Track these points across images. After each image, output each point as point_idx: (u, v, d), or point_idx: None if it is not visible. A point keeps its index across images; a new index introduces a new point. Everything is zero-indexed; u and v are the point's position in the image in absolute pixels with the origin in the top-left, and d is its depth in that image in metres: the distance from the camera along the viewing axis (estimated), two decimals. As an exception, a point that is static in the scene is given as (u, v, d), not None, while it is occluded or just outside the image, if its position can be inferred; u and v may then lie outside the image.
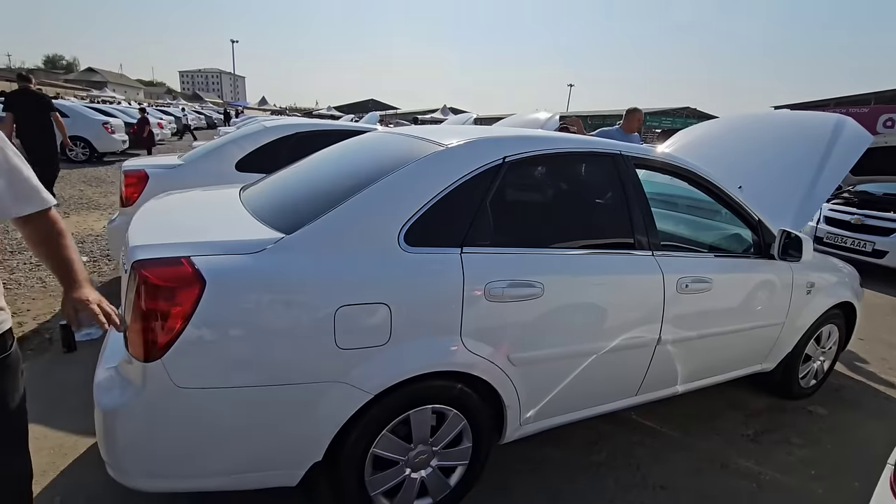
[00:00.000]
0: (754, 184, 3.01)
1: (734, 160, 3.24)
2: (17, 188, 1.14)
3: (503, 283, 1.67)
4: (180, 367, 1.31)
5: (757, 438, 2.56)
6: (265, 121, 4.16)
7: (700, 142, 3.65)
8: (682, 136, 3.94)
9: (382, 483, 1.66)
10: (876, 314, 4.66)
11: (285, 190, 1.96)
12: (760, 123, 3.62)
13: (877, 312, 4.74)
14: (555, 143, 1.96)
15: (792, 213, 2.80)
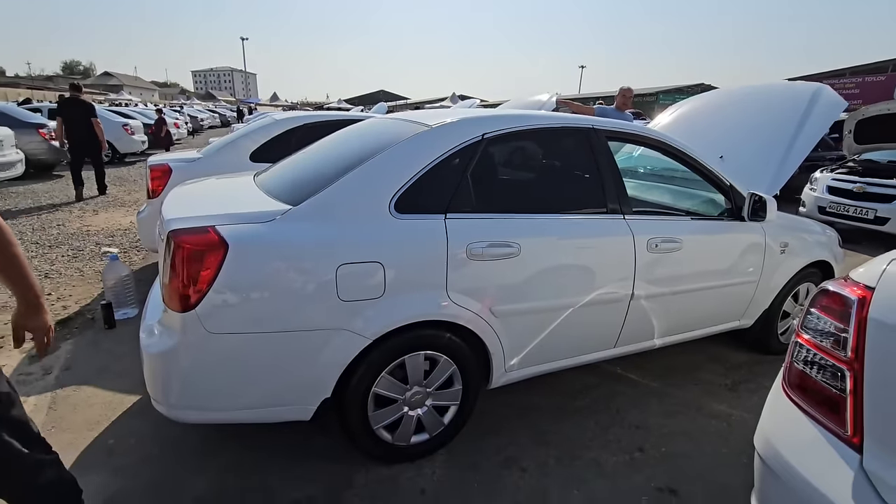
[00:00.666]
0: (737, 153, 3.18)
1: (720, 132, 3.41)
2: None
3: (483, 243, 1.92)
4: (210, 316, 1.59)
5: (734, 388, 2.78)
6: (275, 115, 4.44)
7: (689, 115, 3.81)
8: (675, 109, 4.10)
9: (383, 418, 1.94)
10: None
11: (293, 171, 2.22)
12: (745, 96, 3.76)
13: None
14: (531, 120, 2.18)
15: (768, 179, 2.97)
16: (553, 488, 1.94)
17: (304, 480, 1.93)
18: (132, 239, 5.51)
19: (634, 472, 2.05)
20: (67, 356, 2.88)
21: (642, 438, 2.27)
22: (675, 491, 1.96)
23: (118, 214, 6.83)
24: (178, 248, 1.59)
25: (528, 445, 2.19)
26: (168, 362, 1.63)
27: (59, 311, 3.52)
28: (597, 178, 2.27)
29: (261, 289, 1.64)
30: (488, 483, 1.96)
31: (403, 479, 1.96)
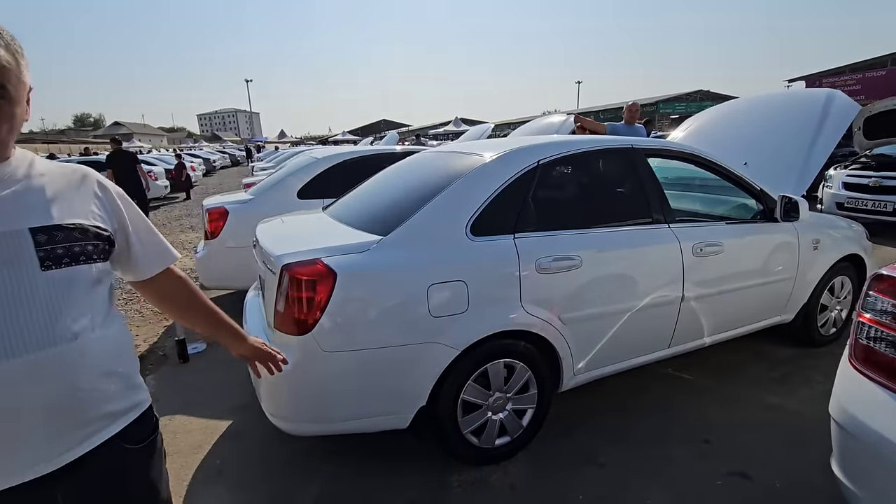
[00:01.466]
0: (759, 159, 3.39)
1: (739, 140, 3.62)
2: (151, 245, 1.09)
3: (549, 257, 2.14)
4: (325, 337, 1.81)
5: (783, 380, 2.92)
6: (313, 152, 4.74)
7: (707, 127, 4.05)
8: (691, 123, 4.33)
9: (471, 423, 2.12)
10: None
11: (366, 204, 2.48)
12: (760, 105, 3.99)
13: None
14: (577, 144, 2.42)
15: (793, 181, 3.17)
16: (632, 480, 2.10)
17: (402, 486, 2.11)
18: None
19: (705, 461, 2.20)
20: (152, 390, 3.10)
21: (706, 431, 2.42)
22: (747, 475, 2.10)
23: (158, 257, 7.16)
24: (293, 279, 1.82)
25: (601, 444, 2.35)
26: (288, 381, 1.84)
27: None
28: (641, 191, 2.49)
29: (365, 310, 1.86)
30: (572, 478, 2.12)
31: (493, 479, 2.13)
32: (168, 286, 1.16)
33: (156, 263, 1.11)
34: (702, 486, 2.04)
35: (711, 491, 2.02)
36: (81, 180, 0.97)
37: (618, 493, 2.02)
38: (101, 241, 0.95)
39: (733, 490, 2.02)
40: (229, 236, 4.04)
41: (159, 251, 1.12)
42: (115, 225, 1.00)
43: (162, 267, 1.12)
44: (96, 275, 0.94)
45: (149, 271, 1.10)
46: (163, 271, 1.13)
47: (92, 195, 0.97)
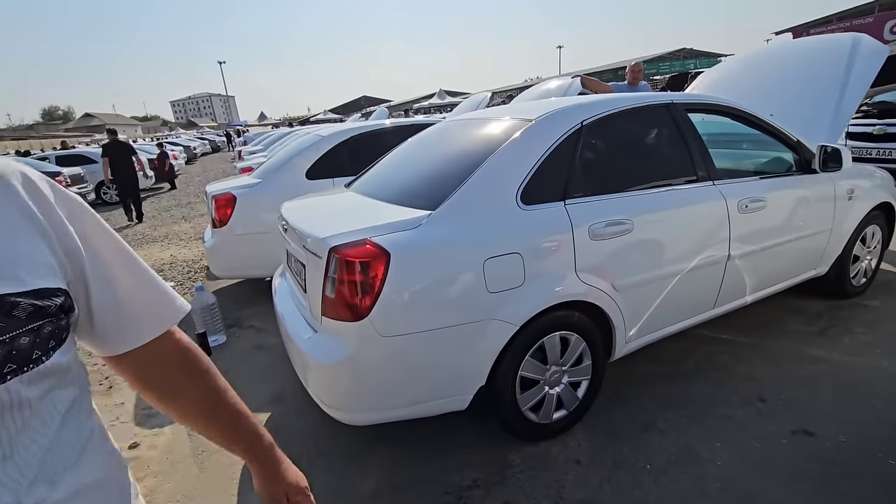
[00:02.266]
0: (786, 110, 3.28)
1: (765, 92, 3.51)
2: (137, 294, 0.65)
3: (602, 223, 2.04)
4: (382, 321, 1.71)
5: (823, 333, 2.90)
6: (319, 130, 4.54)
7: (725, 80, 3.92)
8: (706, 78, 4.20)
9: (529, 400, 2.06)
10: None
11: (401, 178, 2.34)
12: (780, 55, 3.86)
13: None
14: (618, 102, 2.30)
15: (825, 131, 3.07)
16: (696, 443, 2.06)
17: (462, 467, 2.05)
18: (182, 271, 5.63)
19: (765, 421, 2.17)
20: (180, 387, 2.99)
21: (759, 390, 2.39)
22: (810, 432, 2.08)
23: (154, 250, 6.94)
24: (344, 262, 1.70)
25: (656, 410, 2.31)
26: (347, 370, 1.75)
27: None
28: (685, 148, 2.38)
29: (422, 290, 1.75)
30: (635, 447, 2.08)
31: (555, 453, 2.08)
32: (163, 361, 0.69)
33: (146, 325, 0.66)
34: (768, 446, 2.01)
35: (779, 450, 1.99)
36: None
37: (685, 458, 1.98)
38: (55, 312, 0.51)
39: (800, 448, 1.99)
40: (239, 223, 3.87)
41: (151, 303, 0.66)
42: (70, 266, 0.56)
43: (156, 331, 0.67)
44: (56, 378, 0.54)
45: (132, 338, 0.65)
46: (157, 338, 0.67)
47: (18, 211, 0.51)
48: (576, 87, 5.49)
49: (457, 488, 1.94)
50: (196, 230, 8.11)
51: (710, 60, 43.35)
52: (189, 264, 5.92)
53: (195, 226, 8.54)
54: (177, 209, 10.67)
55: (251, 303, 4.28)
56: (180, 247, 6.99)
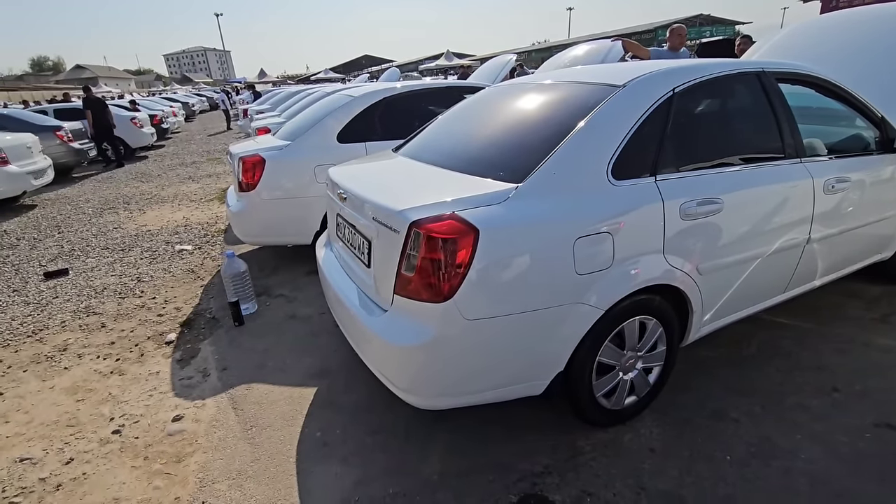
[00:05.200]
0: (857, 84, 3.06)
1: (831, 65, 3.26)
2: None
3: (693, 202, 1.88)
4: (467, 303, 1.57)
5: (885, 320, 2.80)
6: (349, 90, 4.28)
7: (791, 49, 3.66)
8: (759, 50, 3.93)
9: (604, 386, 1.95)
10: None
11: (469, 145, 2.16)
12: (847, 23, 3.60)
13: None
14: (709, 68, 2.09)
15: (902, 106, 2.87)
16: (775, 435, 1.98)
17: (530, 452, 1.97)
18: (198, 234, 5.46)
19: (843, 412, 2.08)
20: (216, 357, 2.89)
21: (831, 378, 2.30)
22: (893, 426, 1.99)
23: (166, 211, 6.75)
24: (429, 238, 1.55)
25: (725, 397, 2.22)
26: (427, 354, 1.62)
27: (174, 313, 3.52)
28: (774, 123, 2.19)
29: (510, 270, 1.61)
30: (710, 436, 1.99)
31: (626, 441, 2.00)
32: None
33: None
34: (853, 440, 1.93)
35: (865, 445, 1.91)
36: None
37: (766, 451, 1.90)
38: None
39: (886, 443, 1.91)
40: (267, 187, 3.68)
41: None
42: None
43: None
44: None
45: None
46: None
47: None
48: (617, 51, 5.17)
49: (529, 474, 1.86)
50: (205, 191, 7.89)
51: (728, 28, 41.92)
52: (204, 227, 5.75)
53: (203, 186, 8.30)
54: (182, 168, 10.37)
55: (277, 270, 4.14)
56: (192, 208, 6.78)
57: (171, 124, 17.11)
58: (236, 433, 2.21)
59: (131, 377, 2.74)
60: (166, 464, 2.06)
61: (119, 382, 2.69)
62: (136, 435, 2.24)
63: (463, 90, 4.22)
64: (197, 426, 2.28)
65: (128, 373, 2.79)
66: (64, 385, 2.69)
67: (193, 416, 2.36)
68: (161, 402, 2.49)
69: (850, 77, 3.00)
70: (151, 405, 2.47)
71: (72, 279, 4.28)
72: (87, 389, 2.63)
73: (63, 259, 4.86)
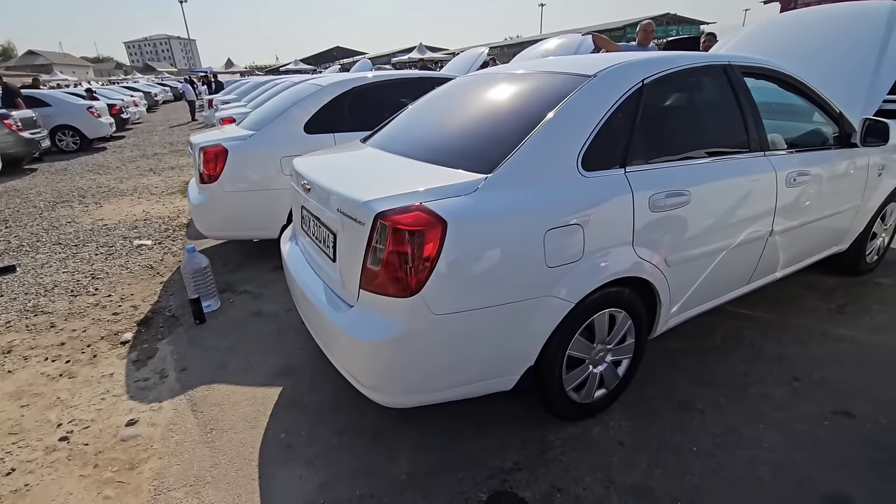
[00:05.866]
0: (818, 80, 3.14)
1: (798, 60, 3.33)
2: None
3: (662, 194, 1.87)
4: (436, 298, 1.52)
5: (841, 310, 2.90)
6: (317, 80, 4.14)
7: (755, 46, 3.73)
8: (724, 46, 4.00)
9: (574, 380, 1.94)
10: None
11: (438, 135, 2.10)
12: (809, 21, 3.69)
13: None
14: (678, 60, 2.09)
15: (861, 103, 2.96)
16: (739, 425, 2.01)
17: (499, 448, 1.94)
18: (158, 228, 5.23)
19: (803, 401, 2.14)
20: (175, 357, 2.75)
21: (791, 368, 2.36)
22: (850, 413, 2.05)
23: (124, 205, 6.44)
24: (395, 230, 1.48)
25: (691, 388, 2.24)
26: (393, 350, 1.56)
27: (130, 312, 3.34)
28: (740, 116, 2.22)
29: (479, 263, 1.56)
30: (677, 427, 2.01)
31: (595, 434, 1.99)
32: None
33: None
34: (812, 427, 1.98)
35: (823, 432, 1.95)
36: None
37: (731, 441, 1.93)
38: None
39: (843, 429, 1.97)
40: (230, 179, 3.53)
41: None
42: None
43: None
44: None
45: None
46: None
47: None
48: (588, 44, 5.19)
49: (499, 471, 1.83)
50: (167, 184, 7.57)
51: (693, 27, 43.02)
52: (165, 221, 5.51)
53: (165, 179, 7.97)
54: (142, 160, 9.93)
55: (242, 265, 3.99)
56: (152, 202, 6.49)
57: (132, 114, 16.40)
58: (195, 437, 2.11)
59: (82, 380, 2.58)
60: (118, 472, 1.94)
61: (69, 386, 2.53)
62: (86, 441, 2.11)
63: (434, 81, 4.15)
64: (152, 430, 2.16)
65: (78, 375, 2.62)
66: (7, 390, 2.51)
67: (149, 420, 2.23)
68: (114, 405, 2.36)
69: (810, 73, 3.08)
70: (104, 409, 2.33)
71: (19, 276, 4.02)
72: (33, 394, 2.47)
73: (10, 255, 4.56)
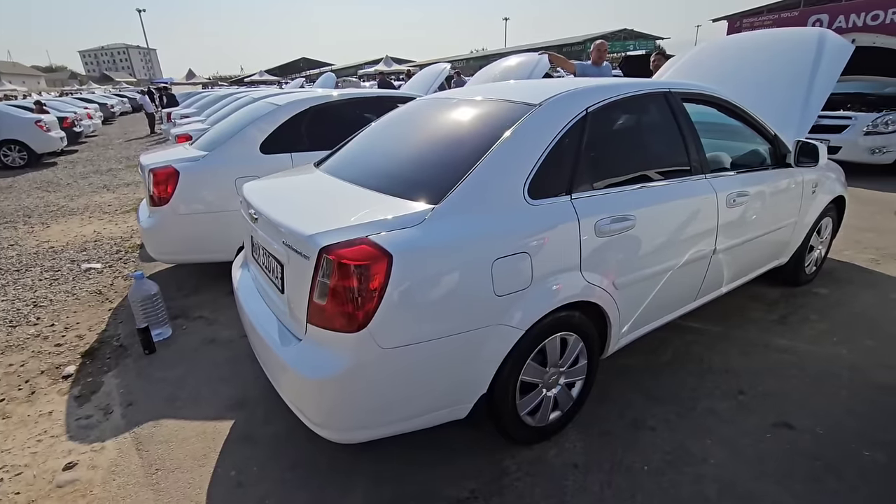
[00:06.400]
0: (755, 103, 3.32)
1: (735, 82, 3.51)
2: None
3: (607, 219, 1.93)
4: (383, 331, 1.51)
5: (784, 321, 3.04)
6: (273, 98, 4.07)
7: (697, 68, 3.92)
8: (677, 63, 4.19)
9: (528, 404, 1.96)
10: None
11: (388, 162, 2.10)
12: (748, 45, 3.91)
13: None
14: (620, 88, 2.17)
15: (794, 126, 3.14)
16: (688, 441, 2.07)
17: (457, 477, 1.93)
18: (110, 250, 5.01)
19: (748, 414, 2.22)
20: (121, 391, 2.63)
21: (736, 381, 2.45)
22: (790, 425, 2.15)
23: (73, 224, 6.16)
24: (340, 265, 1.47)
25: (643, 405, 2.30)
26: (342, 387, 1.54)
27: (75, 342, 3.18)
28: (681, 140, 2.31)
29: (426, 295, 1.56)
30: (629, 446, 2.05)
31: (550, 457, 2.01)
32: None
33: None
34: (755, 442, 2.05)
35: (766, 445, 2.03)
36: None
37: (680, 458, 1.98)
38: None
39: (783, 441, 2.05)
40: (182, 201, 3.43)
41: None
42: None
43: None
44: None
45: None
46: None
47: None
48: (544, 64, 5.33)
49: (454, 501, 1.82)
50: (121, 202, 7.28)
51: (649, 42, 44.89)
52: (117, 242, 5.29)
53: (120, 197, 7.67)
54: (96, 176, 9.54)
55: (198, 289, 3.86)
56: (105, 221, 6.23)
57: (86, 127, 15.77)
58: (139, 479, 2.01)
59: (18, 420, 2.43)
60: (52, 522, 1.82)
61: (1, 427, 2.37)
62: (18, 490, 1.98)
63: (394, 100, 4.16)
64: (93, 474, 2.05)
65: (13, 415, 2.47)
66: (-70, 435, 2.33)
67: (89, 462, 2.12)
68: (52, 447, 2.22)
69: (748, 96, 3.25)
70: (40, 452, 2.19)
71: (-49, 307, 3.77)
72: (-40, 438, 2.30)
73: (-58, 283, 4.27)
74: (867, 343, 2.76)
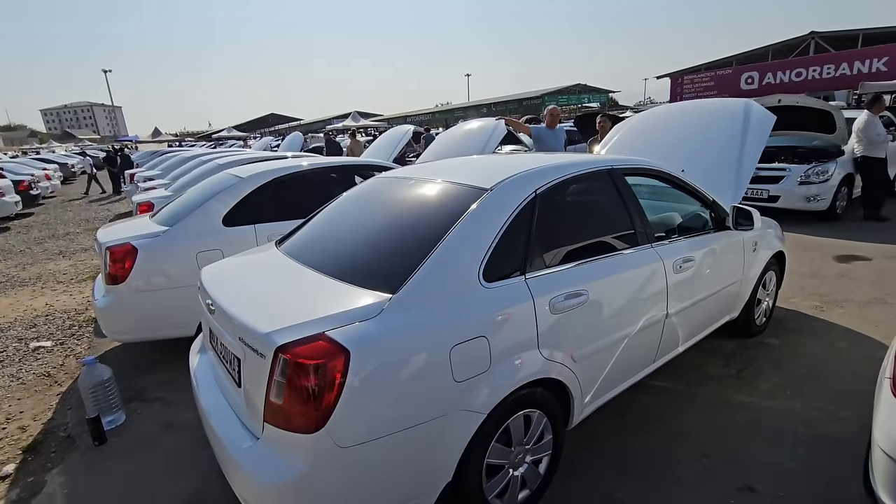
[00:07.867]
0: (692, 167, 3.59)
1: (671, 149, 3.81)
2: None
3: (561, 296, 2.01)
4: (341, 430, 1.49)
5: (740, 375, 3.15)
6: (235, 170, 4.11)
7: (638, 136, 4.22)
8: (617, 132, 4.50)
9: (495, 487, 1.94)
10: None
11: (346, 246, 2.15)
12: (685, 115, 4.26)
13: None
14: (565, 168, 2.32)
15: (730, 189, 3.40)
16: (656, 513, 2.07)
17: (425, 569, 1.86)
18: (62, 325, 4.79)
19: (712, 479, 2.25)
20: (65, 491, 2.46)
21: (700, 443, 2.50)
22: (753, 488, 2.19)
23: (24, 296, 5.88)
24: (297, 365, 1.47)
25: (611, 476, 2.30)
26: (301, 491, 1.49)
27: (17, 435, 2.98)
28: (626, 213, 2.46)
29: (385, 389, 1.57)
30: (599, 523, 2.04)
31: (521, 541, 1.97)
32: None
33: None
34: (719, 508, 2.08)
35: (730, 511, 2.06)
36: None
37: (648, 532, 1.98)
38: None
39: (747, 506, 2.09)
40: (140, 278, 3.36)
41: None
42: None
43: None
44: None
45: None
46: None
47: None
48: (501, 129, 5.63)
49: None
50: (77, 269, 7.03)
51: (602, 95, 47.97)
52: (71, 316, 5.06)
53: (76, 264, 7.40)
54: (51, 241, 9.22)
55: (156, 365, 3.71)
56: (58, 292, 5.97)
57: (44, 189, 15.37)
58: None
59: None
60: None
61: (-75, 545, 2.16)
62: None
63: (357, 169, 4.28)
64: None
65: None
66: None
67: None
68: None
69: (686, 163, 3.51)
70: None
71: None
72: None
73: None
74: (818, 394, 2.88)
